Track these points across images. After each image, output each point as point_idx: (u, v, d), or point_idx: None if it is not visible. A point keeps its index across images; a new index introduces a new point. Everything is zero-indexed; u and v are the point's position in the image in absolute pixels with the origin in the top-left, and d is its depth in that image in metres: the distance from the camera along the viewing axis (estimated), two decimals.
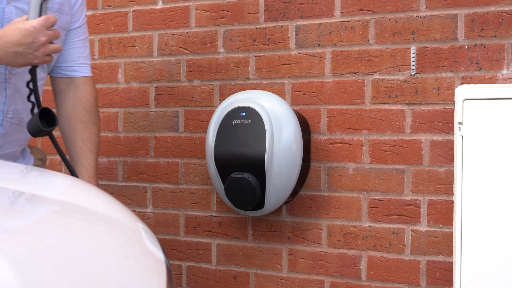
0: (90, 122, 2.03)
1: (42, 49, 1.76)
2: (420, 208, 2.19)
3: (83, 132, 2.01)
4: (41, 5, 1.78)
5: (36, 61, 1.77)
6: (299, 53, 2.36)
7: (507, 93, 2.02)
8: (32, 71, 1.81)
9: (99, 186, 2.61)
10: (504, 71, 2.08)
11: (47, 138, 1.90)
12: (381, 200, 2.24)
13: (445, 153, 2.15)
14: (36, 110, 1.83)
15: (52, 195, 1.21)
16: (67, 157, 2.01)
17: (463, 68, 2.13)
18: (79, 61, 2.04)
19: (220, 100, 2.48)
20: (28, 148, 2.09)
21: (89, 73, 2.07)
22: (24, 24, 1.74)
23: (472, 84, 2.11)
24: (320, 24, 2.33)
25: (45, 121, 1.80)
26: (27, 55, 1.74)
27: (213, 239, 2.52)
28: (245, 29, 2.45)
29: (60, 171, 2.74)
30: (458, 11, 2.13)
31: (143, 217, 2.64)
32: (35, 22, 1.75)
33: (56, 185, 1.33)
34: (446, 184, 2.15)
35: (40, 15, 1.78)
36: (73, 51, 2.03)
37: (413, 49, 2.19)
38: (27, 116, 1.92)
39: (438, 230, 2.16)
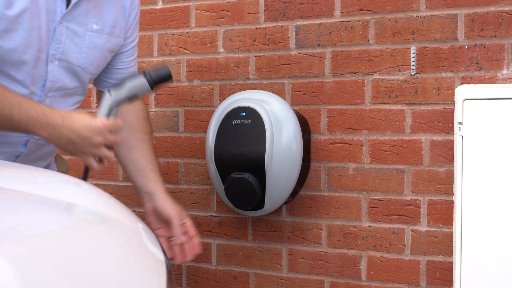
0: (151, 133, 2.08)
1: (94, 149, 1.73)
2: (420, 208, 2.19)
3: (149, 143, 2.05)
4: (110, 107, 1.79)
5: (78, 155, 1.74)
6: (299, 53, 2.36)
7: (507, 93, 2.02)
8: (85, 174, 1.82)
9: (99, 186, 2.61)
10: (504, 71, 2.08)
11: None
12: (381, 200, 2.24)
13: (445, 153, 2.15)
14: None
15: (52, 195, 1.21)
16: (131, 166, 2.04)
17: (463, 68, 2.13)
18: None
19: (220, 100, 2.48)
20: (53, 158, 2.08)
21: None
22: (91, 119, 1.72)
23: (472, 84, 2.11)
24: (320, 24, 2.32)
25: None
26: (77, 146, 1.71)
27: (213, 239, 2.52)
28: (245, 29, 2.45)
29: None
30: (458, 11, 2.13)
31: (143, 217, 2.63)
32: (102, 121, 1.73)
33: (55, 184, 1.32)
34: (446, 184, 2.15)
35: (108, 115, 1.79)
36: (124, 71, 2.02)
37: (413, 49, 2.19)
38: None
39: (438, 230, 2.16)
